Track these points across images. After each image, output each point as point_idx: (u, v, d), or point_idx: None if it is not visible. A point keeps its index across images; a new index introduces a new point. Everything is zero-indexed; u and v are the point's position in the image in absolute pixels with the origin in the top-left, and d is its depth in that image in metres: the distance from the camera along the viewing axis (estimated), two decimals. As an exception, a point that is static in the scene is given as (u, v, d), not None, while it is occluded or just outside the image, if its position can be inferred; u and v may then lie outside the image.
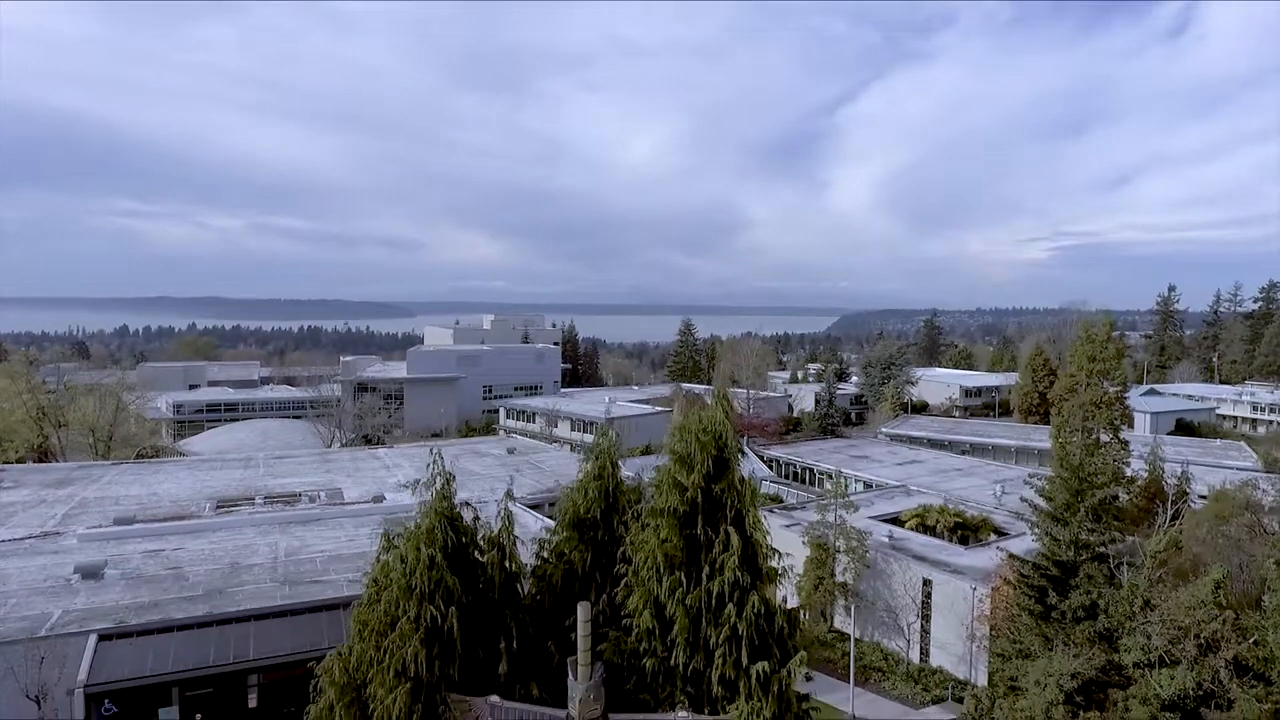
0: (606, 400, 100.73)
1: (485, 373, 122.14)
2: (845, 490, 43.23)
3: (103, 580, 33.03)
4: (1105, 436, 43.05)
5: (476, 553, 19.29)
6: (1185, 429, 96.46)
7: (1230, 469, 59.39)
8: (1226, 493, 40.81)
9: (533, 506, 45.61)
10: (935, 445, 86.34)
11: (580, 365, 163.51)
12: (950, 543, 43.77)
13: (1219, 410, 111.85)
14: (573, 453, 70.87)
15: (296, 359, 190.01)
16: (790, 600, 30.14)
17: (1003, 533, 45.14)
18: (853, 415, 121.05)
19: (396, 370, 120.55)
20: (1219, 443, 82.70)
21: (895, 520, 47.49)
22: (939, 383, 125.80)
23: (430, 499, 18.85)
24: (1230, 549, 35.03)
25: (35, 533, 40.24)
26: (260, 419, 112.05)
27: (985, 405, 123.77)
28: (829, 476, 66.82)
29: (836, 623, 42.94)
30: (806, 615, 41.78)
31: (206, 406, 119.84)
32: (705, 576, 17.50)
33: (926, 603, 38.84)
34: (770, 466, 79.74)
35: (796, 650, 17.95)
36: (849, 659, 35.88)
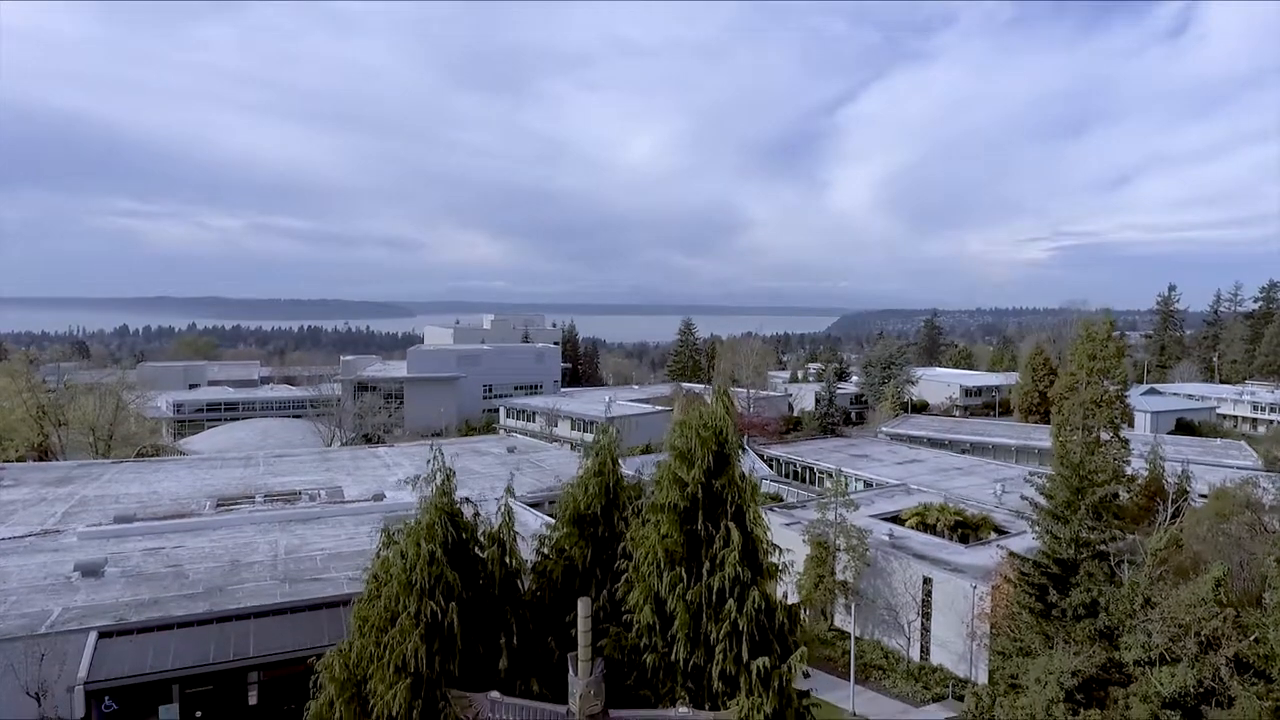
0: (607, 399, 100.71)
1: (485, 372, 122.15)
2: (845, 489, 43.13)
3: (103, 578, 33.02)
4: (1105, 435, 43.01)
5: (477, 548, 19.28)
6: (1185, 428, 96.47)
7: (1230, 468, 59.34)
8: (1227, 491, 40.79)
9: (533, 505, 45.61)
10: (935, 444, 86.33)
11: (580, 365, 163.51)
12: (951, 541, 43.73)
13: (1219, 410, 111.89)
14: (573, 451, 70.86)
15: (296, 359, 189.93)
16: (791, 598, 30.13)
17: (1003, 531, 45.10)
18: (853, 415, 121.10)
19: (396, 370, 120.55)
20: (1219, 442, 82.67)
21: (895, 519, 47.44)
22: (939, 382, 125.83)
23: (430, 495, 18.84)
24: (1231, 547, 35.01)
25: (35, 531, 40.24)
26: (260, 418, 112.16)
27: (985, 405, 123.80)
28: (829, 475, 66.76)
29: (837, 621, 42.93)
30: (807, 613, 41.77)
31: (206, 406, 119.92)
32: (706, 572, 17.50)
33: (927, 601, 38.82)
34: (770, 465, 79.74)
35: (797, 646, 17.93)
36: (849, 657, 35.86)
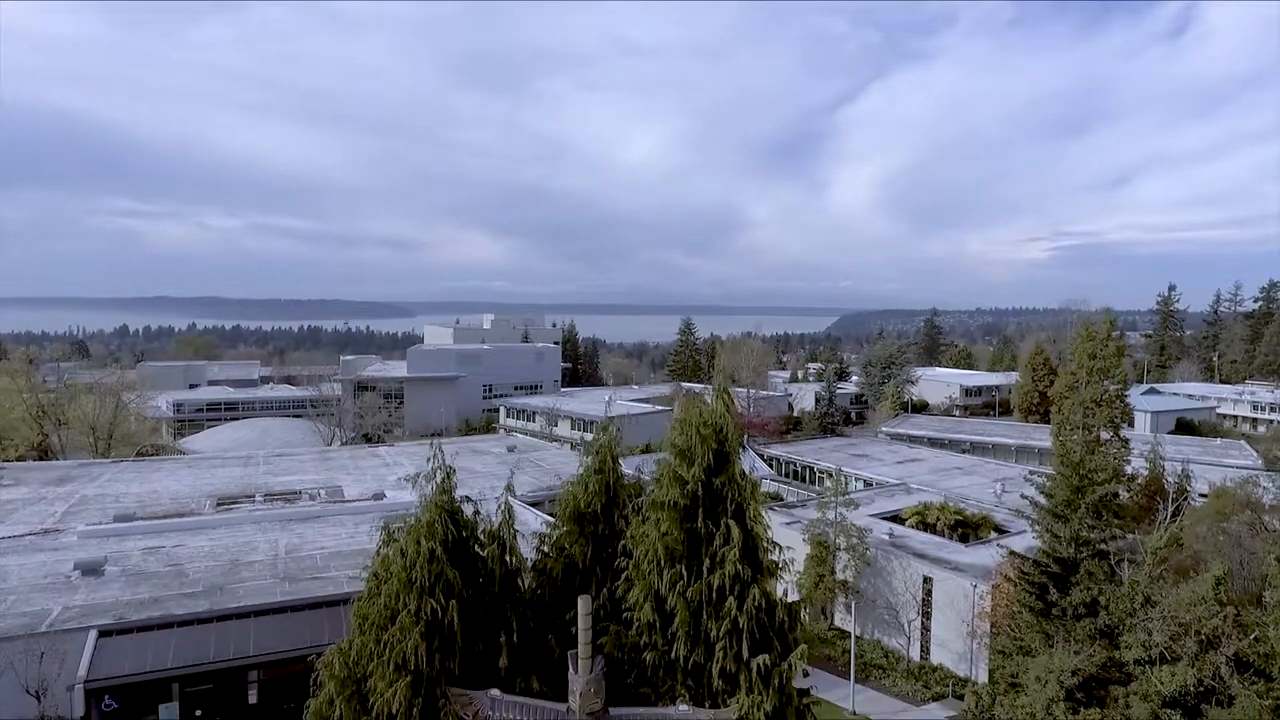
0: (606, 399, 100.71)
1: (485, 372, 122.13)
2: (845, 488, 43.10)
3: (103, 577, 33.02)
4: (1105, 434, 43.06)
5: (477, 546, 19.26)
6: (1185, 428, 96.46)
7: (1231, 467, 59.34)
8: (1227, 490, 40.80)
9: (533, 504, 45.63)
10: (935, 444, 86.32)
11: (580, 365, 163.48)
12: (951, 540, 43.70)
13: (1219, 409, 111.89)
14: (573, 451, 70.87)
15: (296, 359, 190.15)
16: (791, 597, 30.14)
17: (1003, 530, 45.07)
18: (853, 414, 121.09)
19: (396, 369, 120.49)
20: (1219, 441, 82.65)
21: (895, 518, 47.41)
22: (939, 382, 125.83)
23: (431, 493, 18.82)
24: (1231, 546, 35.01)
25: (35, 530, 40.24)
26: (260, 418, 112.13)
27: (985, 404, 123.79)
28: (829, 475, 66.72)
29: (837, 620, 42.92)
30: (807, 612, 41.76)
31: (206, 405, 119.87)
32: (706, 570, 17.48)
33: (927, 600, 38.80)
34: (770, 465, 79.72)
35: (797, 643, 17.92)
36: (849, 656, 35.85)
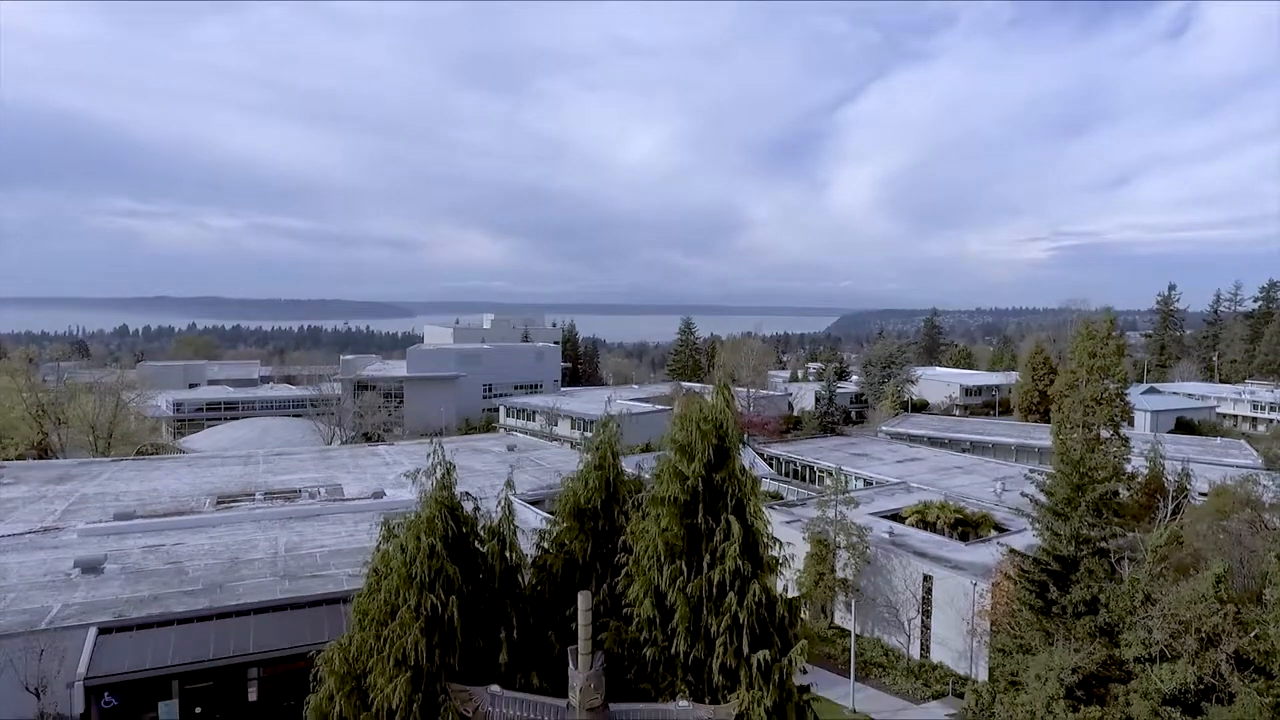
0: (606, 398, 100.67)
1: (485, 371, 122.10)
2: (845, 486, 43.05)
3: (102, 574, 33.01)
4: (1106, 433, 43.05)
5: (477, 542, 19.24)
6: (1185, 427, 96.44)
7: (1231, 466, 59.32)
8: (1227, 488, 40.77)
9: (533, 502, 45.67)
10: (935, 443, 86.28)
11: (580, 365, 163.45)
12: (951, 539, 43.67)
13: (1219, 409, 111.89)
14: (573, 450, 70.82)
15: (296, 358, 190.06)
16: (791, 595, 30.15)
17: (1003, 529, 45.04)
18: (853, 414, 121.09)
19: (396, 369, 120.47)
20: (1219, 441, 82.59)
21: (895, 516, 47.38)
22: (939, 381, 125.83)
23: (431, 489, 18.81)
24: (1231, 544, 34.97)
25: (35, 528, 40.23)
26: (260, 417, 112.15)
27: (985, 404, 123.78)
28: (829, 474, 66.69)
29: (837, 619, 42.91)
30: (807, 610, 41.74)
31: (206, 405, 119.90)
32: (706, 565, 17.46)
33: (927, 598, 38.78)
34: (770, 464, 79.69)
35: (797, 639, 17.91)
36: (850, 654, 35.83)
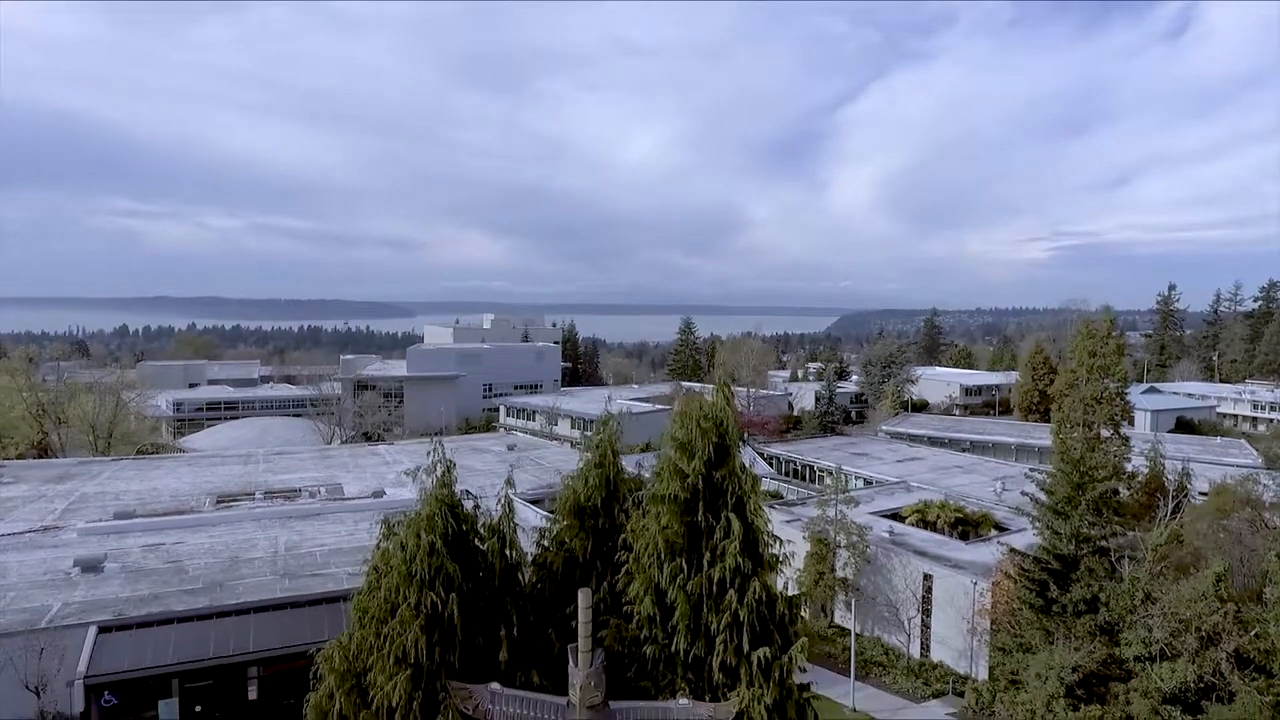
0: (606, 397, 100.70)
1: (485, 371, 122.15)
2: (845, 486, 43.04)
3: (102, 573, 33.01)
4: (1106, 432, 43.13)
5: (477, 540, 19.24)
6: (1185, 427, 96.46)
7: (1231, 465, 59.33)
8: (1227, 487, 40.80)
9: (533, 501, 45.61)
10: (935, 443, 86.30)
11: (580, 364, 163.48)
12: (951, 538, 43.67)
13: (1219, 408, 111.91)
14: (573, 449, 70.82)
15: (296, 358, 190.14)
16: (791, 593, 30.18)
17: (1003, 528, 45.03)
18: (853, 413, 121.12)
19: (396, 369, 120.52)
20: (1219, 440, 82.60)
21: (896, 516, 47.36)
22: (939, 381, 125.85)
23: (431, 486, 18.81)
24: (1231, 543, 34.99)
25: (35, 527, 40.22)
26: (260, 417, 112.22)
27: (985, 404, 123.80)
28: (829, 473, 66.69)
29: (837, 618, 42.91)
30: (807, 608, 41.75)
31: (206, 404, 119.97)
32: (706, 563, 17.47)
33: (927, 597, 38.78)
34: (770, 464, 79.69)
35: (798, 637, 17.93)
36: (850, 653, 35.83)
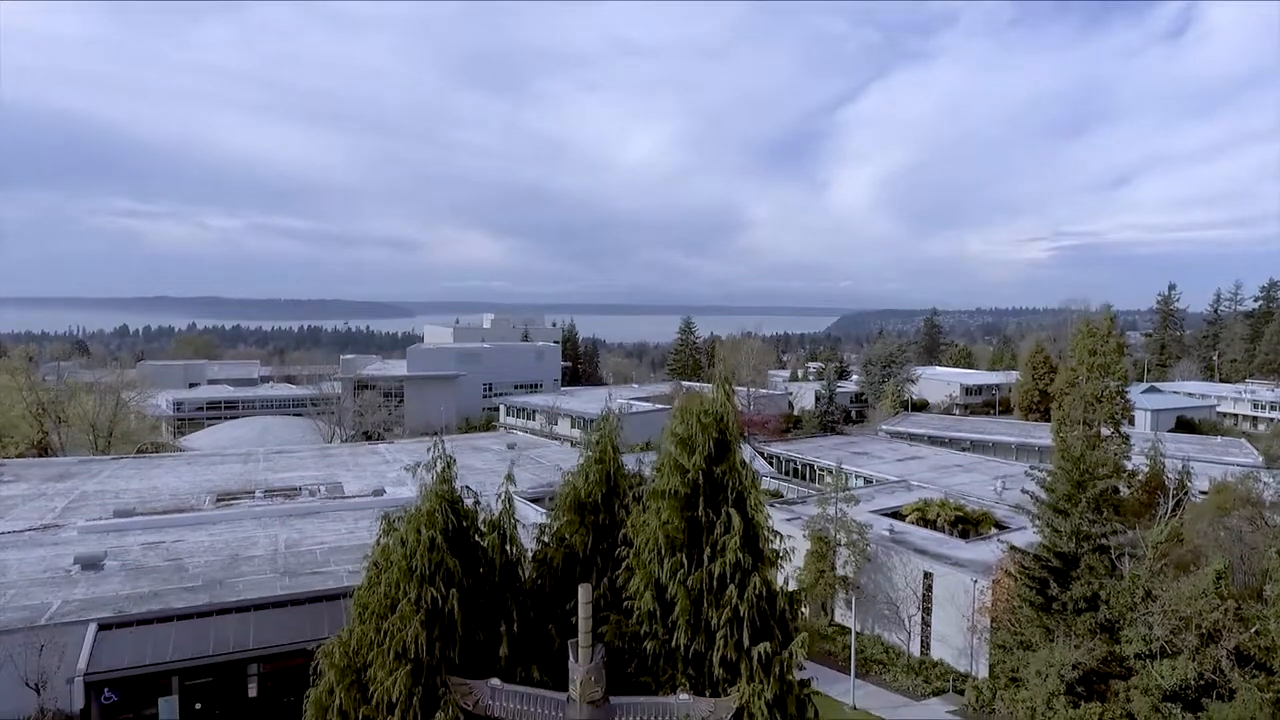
0: (607, 396, 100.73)
1: (485, 371, 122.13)
2: (846, 484, 43.05)
3: (102, 571, 33.02)
4: (1106, 430, 43.16)
5: (477, 536, 19.21)
6: (1186, 426, 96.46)
7: (1231, 465, 59.33)
8: (1228, 485, 40.84)
9: (533, 499, 45.63)
10: (936, 442, 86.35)
11: (580, 364, 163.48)
12: (951, 536, 43.68)
13: (1219, 408, 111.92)
14: (573, 448, 70.82)
15: (296, 358, 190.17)
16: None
17: (1004, 527, 45.05)
18: (853, 413, 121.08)
19: (397, 368, 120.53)
20: (1220, 439, 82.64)
21: (896, 514, 47.37)
22: (939, 381, 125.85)
23: (431, 482, 18.80)
24: (1231, 541, 34.99)
25: (35, 525, 40.23)
26: (260, 416, 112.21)
27: (985, 403, 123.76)
28: (829, 472, 66.69)
29: (837, 616, 42.93)
30: (808, 606, 41.76)
31: (206, 404, 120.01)
32: (707, 558, 17.45)
33: (927, 595, 38.79)
34: (770, 463, 79.71)
35: (798, 632, 17.92)
36: (850, 651, 35.84)
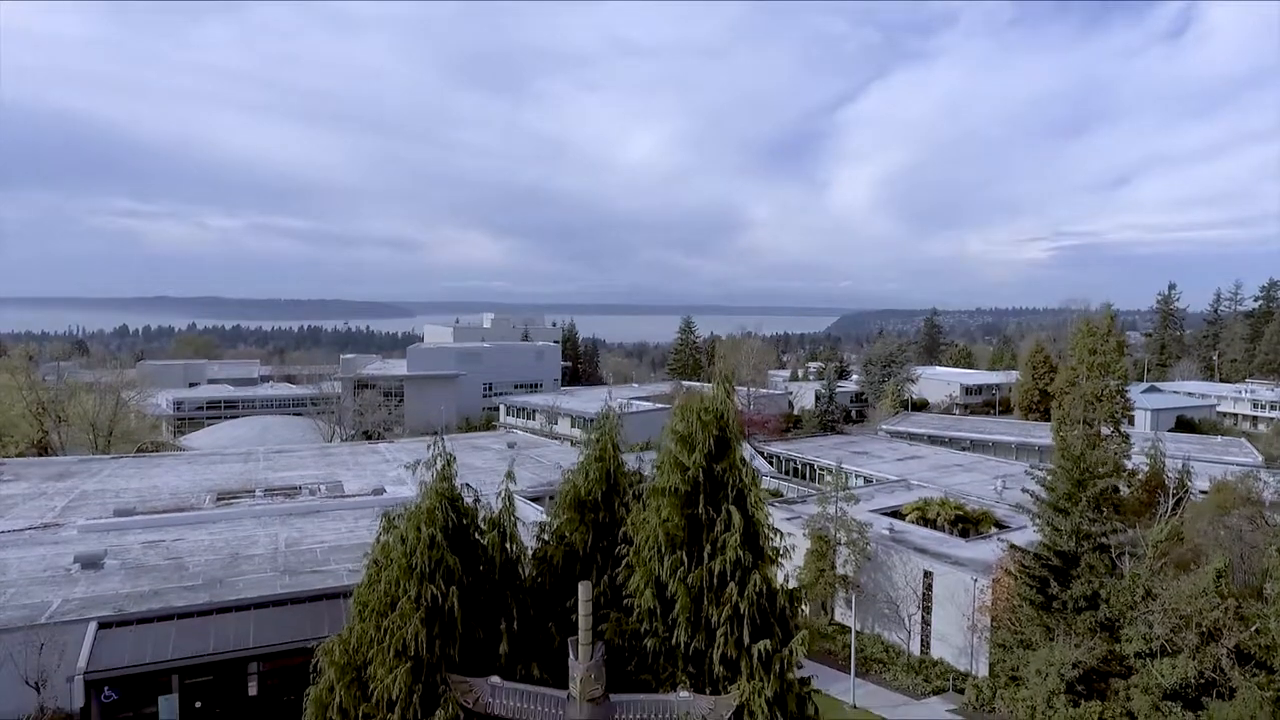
0: (607, 395, 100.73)
1: (486, 370, 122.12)
2: (846, 484, 43.03)
3: (102, 570, 32.99)
4: (1106, 430, 43.16)
5: (477, 534, 19.22)
6: (1186, 426, 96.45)
7: (1231, 464, 59.32)
8: (1228, 484, 40.84)
9: (533, 498, 45.63)
10: (936, 441, 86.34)
11: (580, 364, 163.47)
12: (951, 535, 43.66)
13: (1219, 407, 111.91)
14: (573, 447, 70.82)
15: (296, 358, 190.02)
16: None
17: (1004, 526, 45.04)
18: (853, 413, 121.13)
19: (397, 368, 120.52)
20: (1220, 439, 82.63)
21: (896, 513, 47.35)
22: (939, 380, 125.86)
23: (431, 480, 18.80)
24: (1231, 540, 35.00)
25: (35, 524, 40.20)
26: (260, 415, 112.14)
27: (985, 403, 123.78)
28: (829, 472, 66.66)
29: (837, 615, 42.91)
30: (808, 605, 41.75)
31: (207, 403, 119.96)
32: (707, 556, 17.46)
33: (927, 594, 38.78)
34: (771, 462, 79.67)
35: (798, 630, 17.93)
36: (850, 650, 35.83)
